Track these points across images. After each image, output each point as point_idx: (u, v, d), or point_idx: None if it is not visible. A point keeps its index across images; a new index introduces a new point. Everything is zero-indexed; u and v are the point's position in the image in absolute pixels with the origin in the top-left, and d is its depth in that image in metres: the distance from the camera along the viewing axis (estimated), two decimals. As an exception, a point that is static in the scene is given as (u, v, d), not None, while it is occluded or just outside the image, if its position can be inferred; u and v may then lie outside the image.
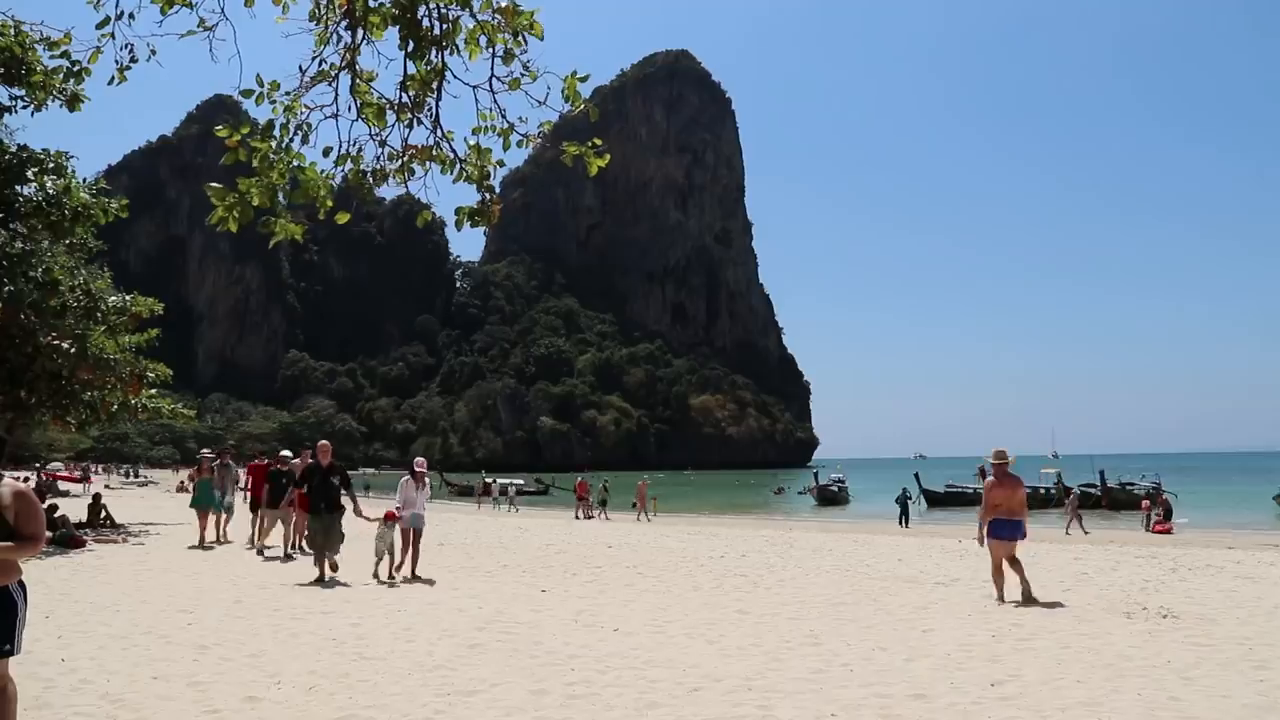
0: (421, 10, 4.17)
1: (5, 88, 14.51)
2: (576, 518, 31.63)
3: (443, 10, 4.17)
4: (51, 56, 4.98)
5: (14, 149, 16.32)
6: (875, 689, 5.98)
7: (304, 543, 13.96)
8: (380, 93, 4.38)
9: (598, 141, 4.33)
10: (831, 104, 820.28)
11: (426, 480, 12.46)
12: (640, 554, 15.77)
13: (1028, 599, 9.68)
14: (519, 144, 4.34)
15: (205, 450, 18.83)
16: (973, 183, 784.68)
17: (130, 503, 33.24)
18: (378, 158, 4.46)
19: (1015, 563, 9.96)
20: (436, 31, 4.19)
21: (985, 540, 10.06)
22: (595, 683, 6.16)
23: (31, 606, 8.97)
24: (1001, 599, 10.00)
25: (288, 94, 4.15)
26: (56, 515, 17.35)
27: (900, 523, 28.79)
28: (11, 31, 13.43)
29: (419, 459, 12.92)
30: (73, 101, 12.99)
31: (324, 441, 12.18)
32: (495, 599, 9.91)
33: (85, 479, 53.24)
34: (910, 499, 30.69)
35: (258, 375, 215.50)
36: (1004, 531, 9.97)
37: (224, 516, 16.77)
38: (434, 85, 4.31)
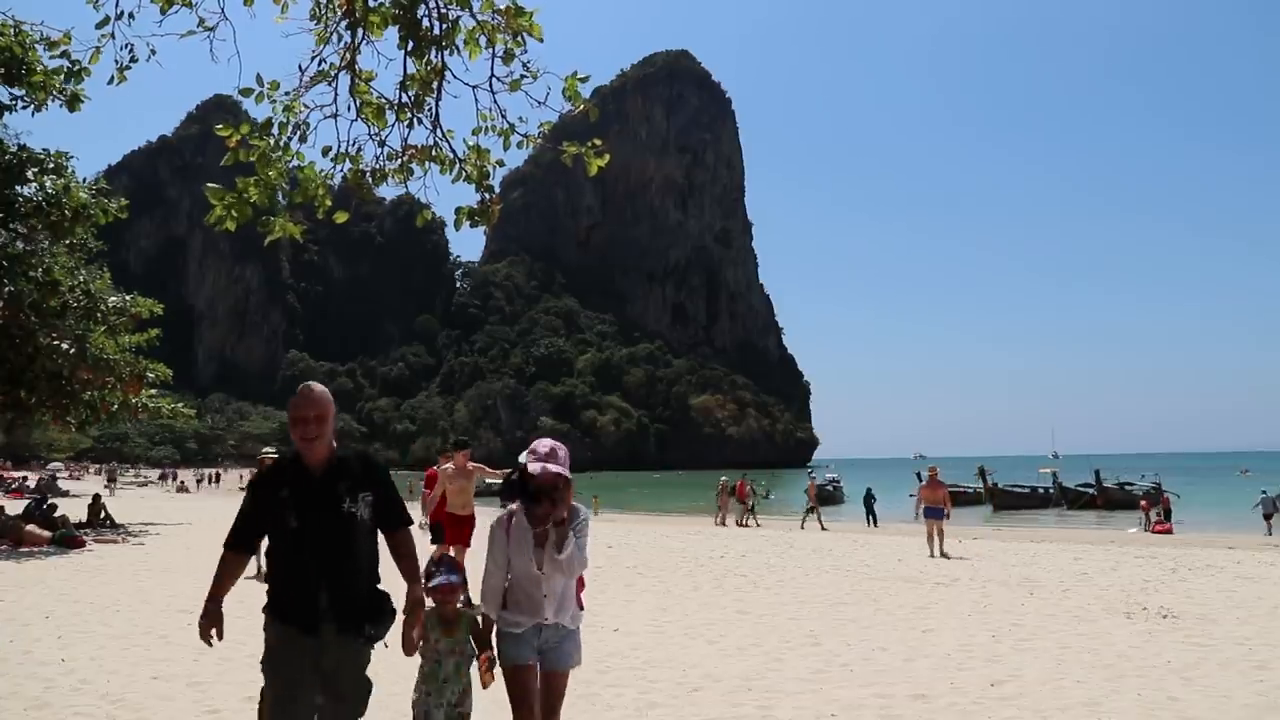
0: (421, 10, 4.16)
1: (5, 88, 14.50)
2: (719, 524, 26.97)
3: (443, 10, 4.17)
4: (51, 56, 4.98)
5: (14, 149, 16.32)
6: (875, 689, 5.98)
7: None
8: (380, 93, 4.38)
9: (597, 142, 4.33)
10: (831, 104, 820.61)
11: (579, 519, 3.62)
12: (640, 554, 15.77)
13: (942, 555, 15.66)
14: (519, 145, 4.34)
15: (267, 449, 13.11)
16: (973, 182, 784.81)
17: (130, 503, 33.24)
18: (377, 157, 4.46)
19: (940, 533, 16.33)
20: (436, 31, 4.19)
21: (920, 517, 17.17)
22: (595, 683, 6.15)
23: (31, 606, 8.99)
24: (931, 555, 15.64)
25: (287, 93, 4.15)
26: (56, 515, 17.35)
27: (868, 522, 28.48)
28: (11, 31, 13.43)
29: (541, 444, 3.60)
30: (72, 101, 12.98)
31: (310, 386, 3.46)
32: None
33: (111, 479, 52.64)
34: (874, 499, 30.20)
35: (258, 375, 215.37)
36: (930, 514, 16.67)
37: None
38: (434, 85, 4.31)
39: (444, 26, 4.18)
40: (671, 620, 8.76)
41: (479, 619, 3.78)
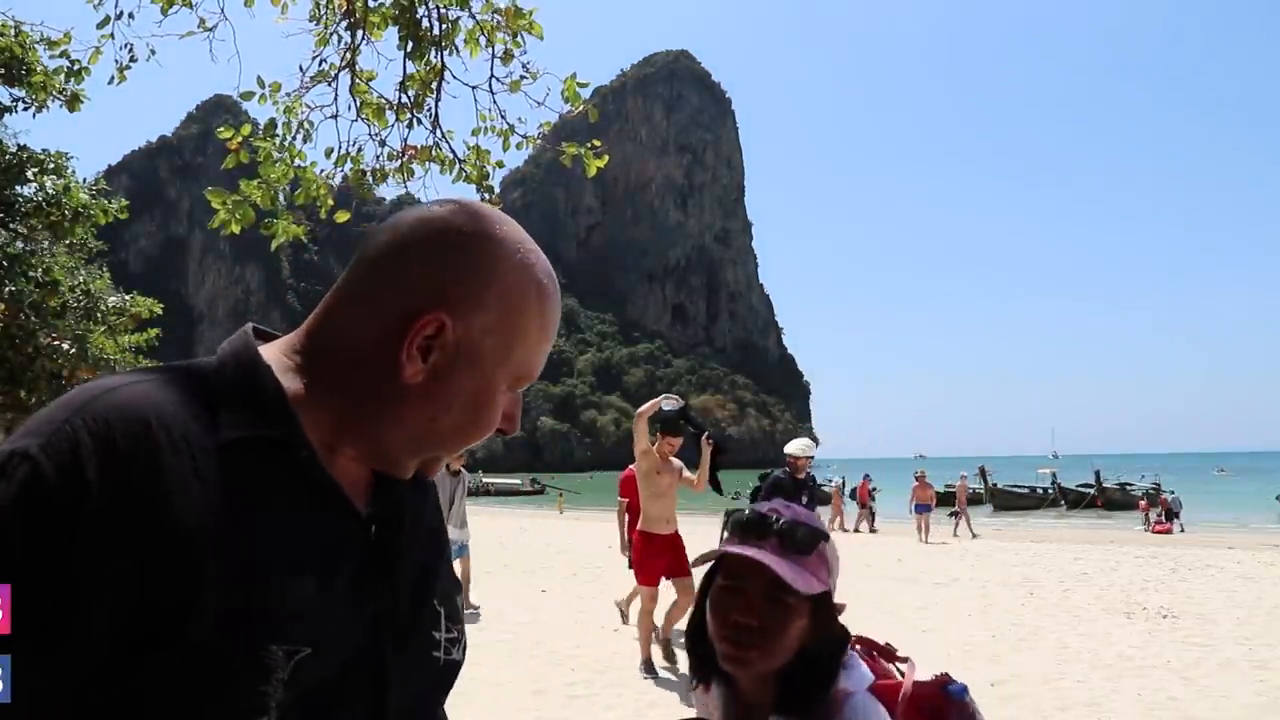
0: (421, 10, 4.17)
1: (6, 89, 14.51)
2: (846, 529, 23.46)
3: (442, 10, 4.18)
4: (51, 56, 4.99)
5: (14, 149, 16.34)
6: (875, 689, 5.97)
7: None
8: (379, 93, 4.38)
9: (597, 143, 4.33)
10: (832, 103, 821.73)
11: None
12: (640, 554, 15.77)
13: (927, 542, 18.73)
14: (518, 146, 4.34)
15: None
16: (973, 182, 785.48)
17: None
18: (378, 157, 4.46)
19: (927, 525, 19.70)
20: (436, 32, 4.19)
21: (911, 512, 20.61)
22: (595, 683, 6.16)
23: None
24: (922, 541, 18.77)
25: (288, 95, 4.15)
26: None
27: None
28: (11, 32, 13.44)
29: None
30: (72, 102, 12.95)
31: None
32: (495, 599, 9.91)
33: None
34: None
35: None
36: (920, 509, 20.31)
37: (461, 565, 9.22)
38: (433, 85, 4.31)
39: (444, 27, 4.18)
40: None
41: None
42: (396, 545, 0.83)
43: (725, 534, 1.32)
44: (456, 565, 8.83)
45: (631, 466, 7.42)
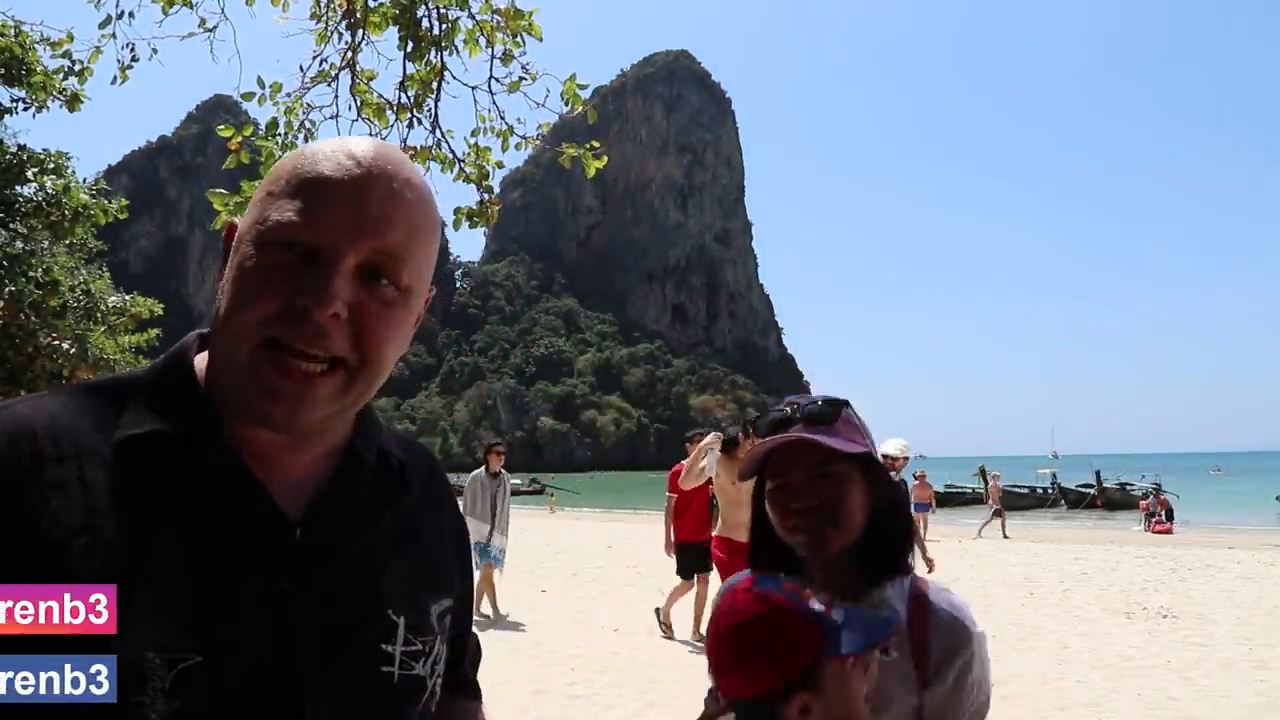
0: (421, 10, 4.17)
1: (5, 89, 14.51)
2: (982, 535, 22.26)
3: (442, 11, 4.18)
4: (52, 57, 5.00)
5: (14, 149, 16.35)
6: (875, 689, 5.97)
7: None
8: (380, 93, 4.38)
9: (596, 143, 4.33)
10: (831, 103, 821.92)
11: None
12: (640, 554, 15.77)
13: (926, 539, 17.68)
14: (517, 147, 4.34)
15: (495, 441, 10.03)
16: (971, 182, 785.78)
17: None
18: (378, 157, 4.44)
19: (925, 524, 17.92)
20: (436, 32, 4.19)
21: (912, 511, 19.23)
22: (595, 683, 6.16)
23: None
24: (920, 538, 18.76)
25: (288, 95, 4.15)
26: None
27: None
28: (12, 32, 13.44)
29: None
30: (72, 101, 12.94)
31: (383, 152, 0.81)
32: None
33: None
34: None
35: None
36: (918, 508, 18.26)
37: (495, 572, 9.11)
38: (433, 85, 4.31)
39: (444, 27, 4.18)
40: (671, 620, 8.76)
41: None
42: (328, 550, 0.75)
43: (754, 440, 1.35)
44: (480, 571, 8.54)
45: (682, 462, 7.60)
